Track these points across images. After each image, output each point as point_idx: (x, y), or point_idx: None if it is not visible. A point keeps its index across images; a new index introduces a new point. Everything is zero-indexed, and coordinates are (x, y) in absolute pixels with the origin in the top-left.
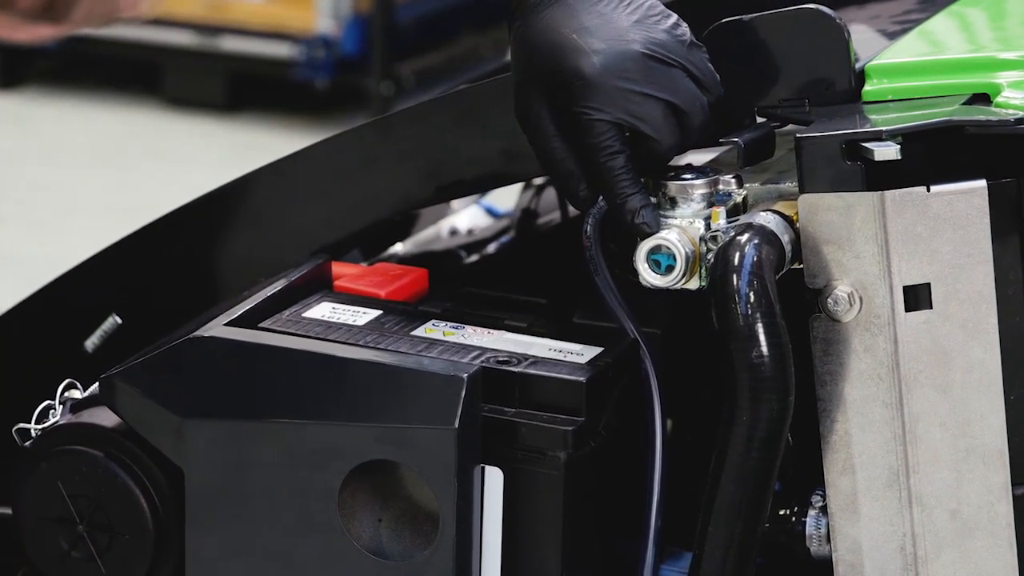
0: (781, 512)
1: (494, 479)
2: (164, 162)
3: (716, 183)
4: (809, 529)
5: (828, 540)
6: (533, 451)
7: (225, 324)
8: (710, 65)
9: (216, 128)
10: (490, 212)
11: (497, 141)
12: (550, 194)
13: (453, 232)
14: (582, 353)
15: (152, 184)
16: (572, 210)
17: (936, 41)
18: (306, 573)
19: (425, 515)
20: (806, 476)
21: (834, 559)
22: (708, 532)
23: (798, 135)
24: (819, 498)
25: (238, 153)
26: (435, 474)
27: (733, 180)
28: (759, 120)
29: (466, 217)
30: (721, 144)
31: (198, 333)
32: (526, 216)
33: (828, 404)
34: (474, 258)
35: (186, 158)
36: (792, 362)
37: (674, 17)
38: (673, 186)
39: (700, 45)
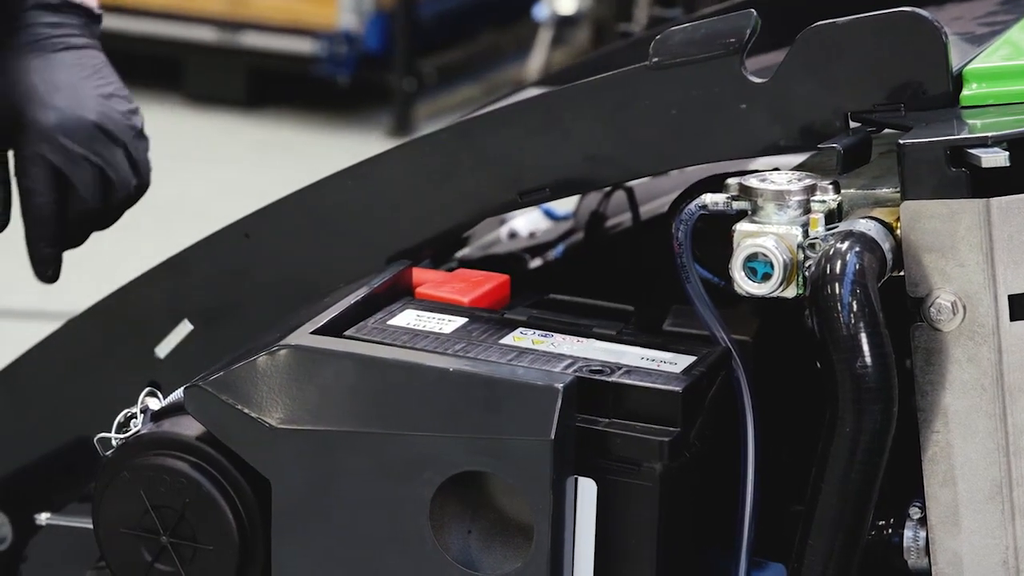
0: (877, 524)
1: (587, 490)
2: (186, 159)
3: (813, 189)
4: (907, 542)
5: (927, 553)
6: (628, 462)
7: (311, 333)
8: (148, 156)
9: (237, 124)
10: (549, 215)
11: (580, 146)
12: (618, 197)
13: (512, 235)
14: (675, 362)
15: (174, 181)
16: (644, 214)
17: None
18: None
19: (516, 527)
20: (903, 487)
21: (933, 572)
22: (808, 544)
23: (900, 141)
24: (917, 510)
25: (260, 149)
26: (530, 486)
27: (830, 186)
28: (853, 125)
29: (525, 220)
30: (820, 149)
31: (286, 342)
32: (595, 219)
33: (929, 414)
34: (538, 262)
35: (208, 155)
36: (896, 372)
37: (134, 105)
38: (769, 192)
39: (146, 138)
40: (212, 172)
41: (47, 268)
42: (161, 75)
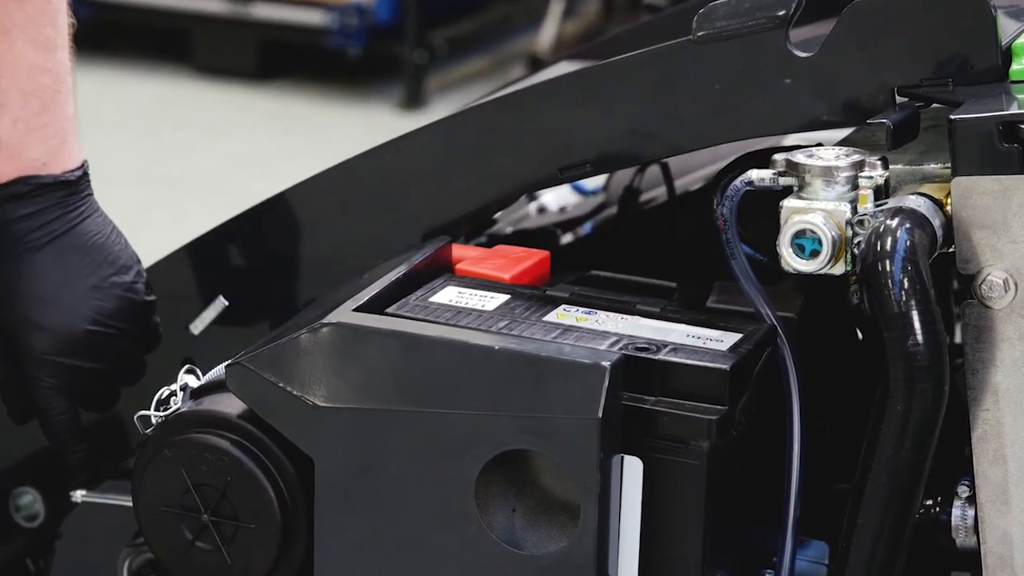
0: (925, 502)
1: (633, 468)
2: (196, 131)
3: (861, 165)
4: (955, 520)
5: (975, 532)
6: (675, 440)
7: (354, 310)
8: (156, 319)
9: (248, 96)
10: (578, 190)
11: (622, 121)
12: (652, 171)
13: (541, 210)
14: (721, 339)
15: (185, 153)
16: (680, 189)
17: None
18: (440, 564)
19: (561, 505)
20: (950, 465)
21: (982, 551)
22: (857, 523)
23: (952, 116)
24: (965, 488)
25: (270, 121)
26: (577, 464)
27: (879, 162)
28: (900, 100)
29: (554, 195)
30: (868, 125)
31: (328, 319)
32: (628, 194)
33: (979, 392)
34: (569, 237)
35: (218, 127)
36: (947, 350)
37: (132, 265)
38: (817, 168)
39: (151, 294)
40: (222, 144)
41: (82, 473)
42: (171, 47)
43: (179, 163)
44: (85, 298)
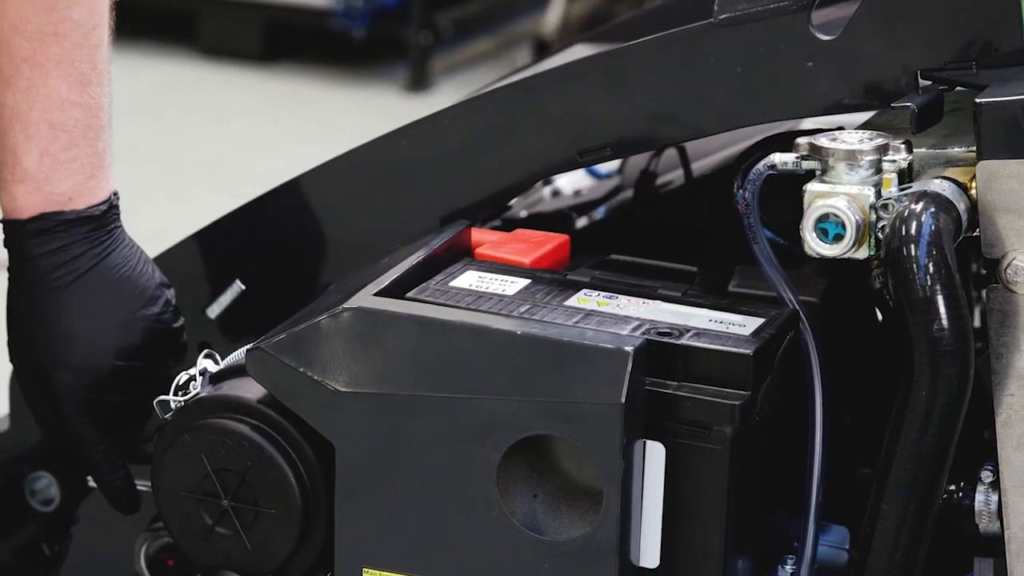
0: (948, 488)
1: (656, 454)
2: (200, 113)
3: (885, 149)
4: (978, 505)
5: (999, 517)
6: (698, 426)
7: (374, 295)
8: (183, 339)
9: (252, 78)
10: (592, 173)
11: (642, 105)
12: (668, 155)
13: (555, 193)
14: (744, 324)
15: (189, 135)
16: (697, 172)
17: None
18: (460, 549)
19: (582, 491)
20: (972, 451)
21: (1006, 536)
22: (881, 508)
23: (977, 100)
24: (989, 474)
25: (275, 103)
26: (600, 449)
27: (903, 146)
28: (923, 83)
29: (569, 178)
30: (892, 108)
31: (348, 304)
32: (645, 178)
33: (1003, 377)
34: (584, 221)
35: (223, 108)
36: (972, 335)
37: (163, 297)
38: (841, 152)
39: (179, 317)
40: (226, 126)
41: (122, 499)
42: (176, 28)
43: (183, 144)
44: (112, 335)
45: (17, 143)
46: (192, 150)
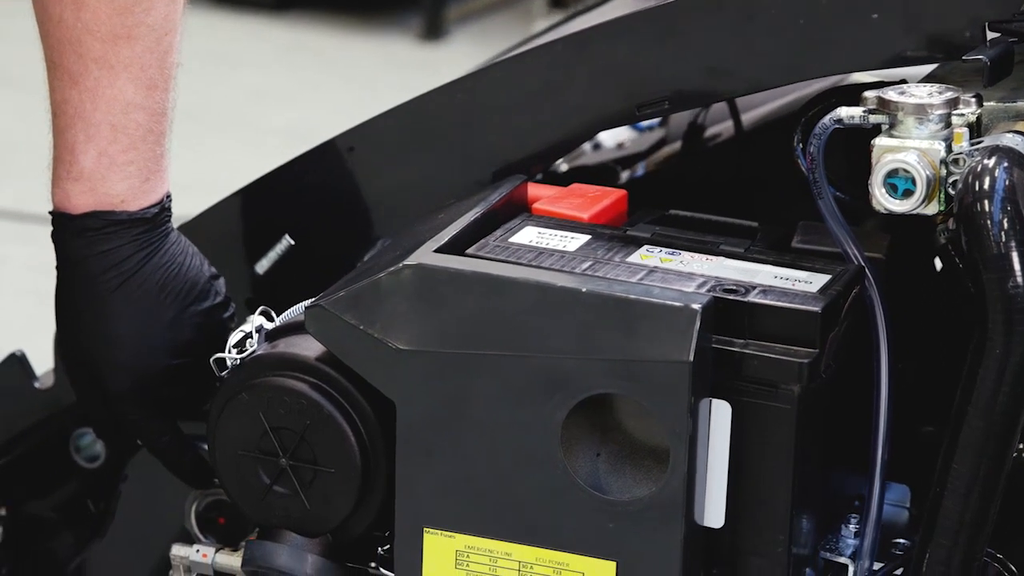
0: (1018, 448)
1: (721, 413)
2: (213, 63)
3: (955, 102)
4: None
5: None
6: (765, 384)
7: (434, 251)
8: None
9: (265, 27)
10: (633, 126)
11: (701, 57)
12: (717, 107)
13: (597, 147)
14: (810, 281)
15: (202, 85)
16: (746, 125)
17: None
18: (524, 509)
19: (646, 450)
20: None
21: None
22: (952, 468)
23: None
24: None
25: (287, 53)
26: (666, 409)
27: (973, 99)
28: (992, 35)
29: (610, 131)
30: (964, 60)
31: (409, 261)
32: (693, 131)
33: None
34: (627, 174)
35: (235, 58)
36: None
37: (213, 288)
38: (910, 105)
39: (231, 315)
40: (240, 76)
41: (196, 481)
42: None
43: (196, 94)
44: (162, 335)
45: (76, 141)
46: (204, 99)
